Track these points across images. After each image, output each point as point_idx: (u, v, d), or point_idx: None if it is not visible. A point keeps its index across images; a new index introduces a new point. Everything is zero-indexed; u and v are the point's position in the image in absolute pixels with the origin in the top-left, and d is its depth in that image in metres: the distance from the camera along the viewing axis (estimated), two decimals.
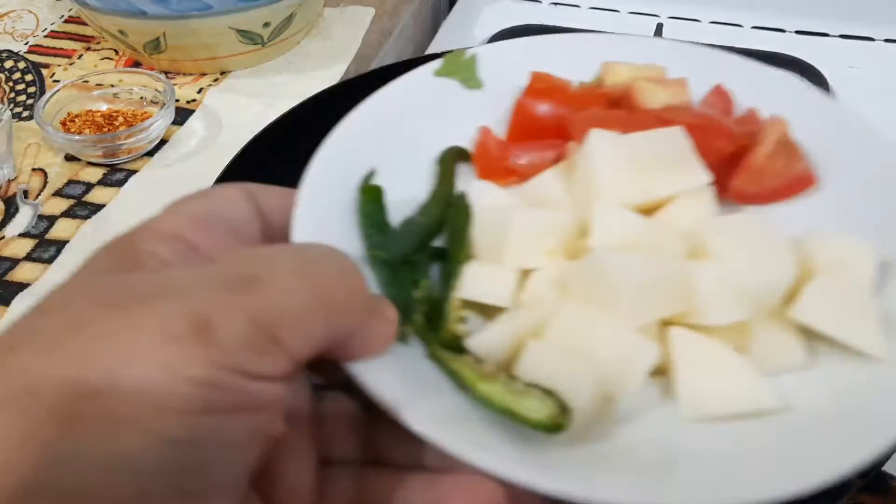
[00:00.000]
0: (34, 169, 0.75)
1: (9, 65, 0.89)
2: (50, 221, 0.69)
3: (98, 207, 0.71)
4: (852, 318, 0.35)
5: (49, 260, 0.66)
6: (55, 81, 0.86)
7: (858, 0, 1.00)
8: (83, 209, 0.71)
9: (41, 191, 0.73)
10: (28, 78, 0.87)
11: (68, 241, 0.67)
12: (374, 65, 0.91)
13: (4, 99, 0.84)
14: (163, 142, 0.77)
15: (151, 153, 0.76)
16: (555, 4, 1.04)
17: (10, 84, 0.86)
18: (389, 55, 0.94)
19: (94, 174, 0.74)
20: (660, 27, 0.98)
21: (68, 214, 0.70)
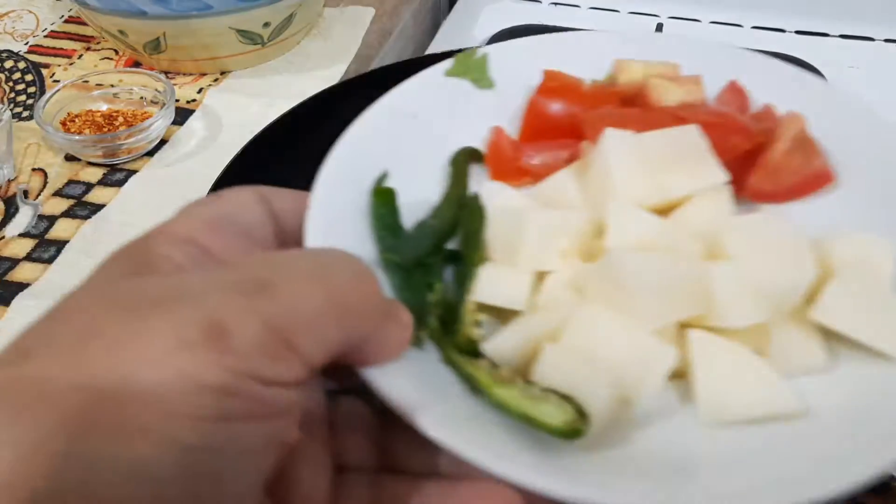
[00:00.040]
0: (34, 169, 0.75)
1: (9, 65, 0.89)
2: (50, 221, 0.69)
3: (98, 207, 0.71)
4: (874, 319, 0.34)
5: (49, 260, 0.65)
6: (55, 81, 0.85)
7: (858, 0, 1.00)
8: (83, 209, 0.70)
9: (41, 191, 0.72)
10: (28, 78, 0.87)
11: (68, 241, 0.67)
12: (374, 65, 0.91)
13: (4, 99, 0.84)
14: (163, 142, 0.77)
15: (151, 153, 0.76)
16: (555, 4, 1.04)
17: (10, 84, 0.86)
18: (389, 55, 0.94)
19: (94, 174, 0.74)
20: (660, 27, 0.98)
21: (68, 214, 0.70)
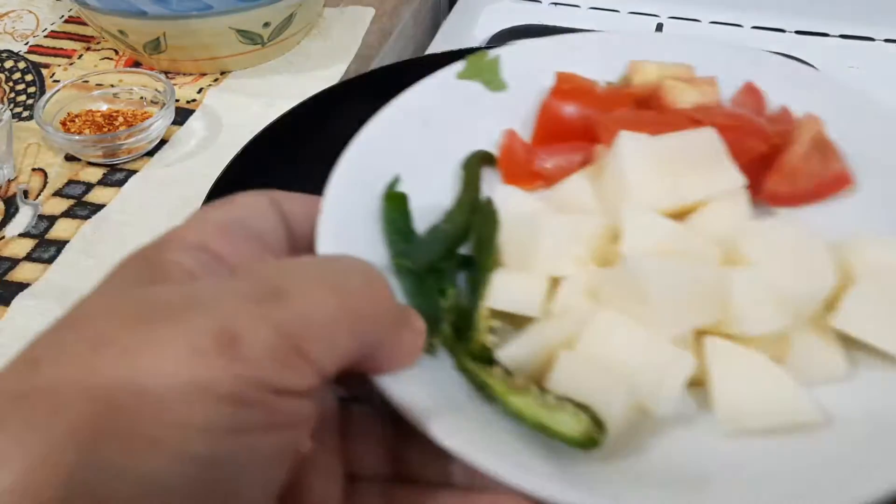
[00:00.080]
0: (34, 169, 0.74)
1: (9, 65, 0.88)
2: (50, 221, 0.69)
3: (98, 207, 0.70)
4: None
5: (49, 260, 0.65)
6: (55, 81, 0.85)
7: (858, 0, 1.00)
8: (83, 209, 0.70)
9: (41, 191, 0.72)
10: (28, 78, 0.86)
11: (68, 241, 0.67)
12: (374, 65, 0.91)
13: (4, 99, 0.83)
14: (163, 142, 0.77)
15: (151, 153, 0.76)
16: (555, 4, 1.03)
17: (10, 84, 0.85)
18: (389, 55, 0.94)
19: (94, 174, 0.74)
20: (660, 27, 0.98)
21: (68, 214, 0.69)
